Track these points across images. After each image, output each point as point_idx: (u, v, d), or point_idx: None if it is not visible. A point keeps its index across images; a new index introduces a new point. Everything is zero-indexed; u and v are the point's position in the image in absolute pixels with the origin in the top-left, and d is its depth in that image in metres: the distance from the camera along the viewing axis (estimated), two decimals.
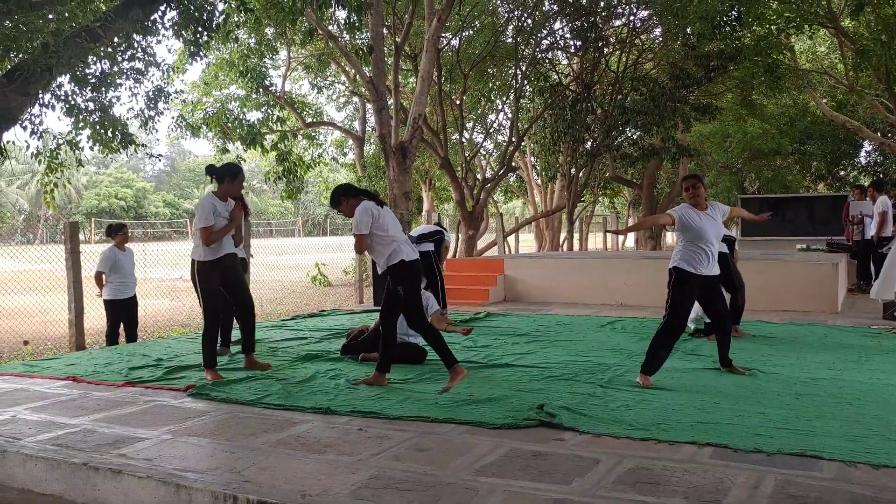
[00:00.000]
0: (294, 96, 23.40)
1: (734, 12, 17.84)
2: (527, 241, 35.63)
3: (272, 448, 4.56)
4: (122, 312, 9.23)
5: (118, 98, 10.28)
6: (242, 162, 21.85)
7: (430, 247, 9.67)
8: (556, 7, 20.29)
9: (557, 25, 21.49)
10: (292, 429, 4.99)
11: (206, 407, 5.65)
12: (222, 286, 6.64)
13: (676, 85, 19.65)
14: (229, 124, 19.28)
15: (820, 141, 27.20)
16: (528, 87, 21.37)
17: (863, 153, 29.52)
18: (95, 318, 10.99)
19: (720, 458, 4.21)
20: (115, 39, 9.28)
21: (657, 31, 22.09)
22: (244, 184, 6.86)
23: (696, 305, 6.97)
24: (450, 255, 22.15)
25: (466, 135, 24.93)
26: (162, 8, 9.32)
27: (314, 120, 23.93)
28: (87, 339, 9.80)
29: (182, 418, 5.31)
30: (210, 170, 6.70)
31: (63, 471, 4.39)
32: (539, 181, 28.63)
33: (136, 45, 10.06)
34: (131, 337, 9.35)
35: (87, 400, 5.96)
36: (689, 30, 18.90)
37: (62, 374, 6.97)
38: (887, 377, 6.21)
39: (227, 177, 6.58)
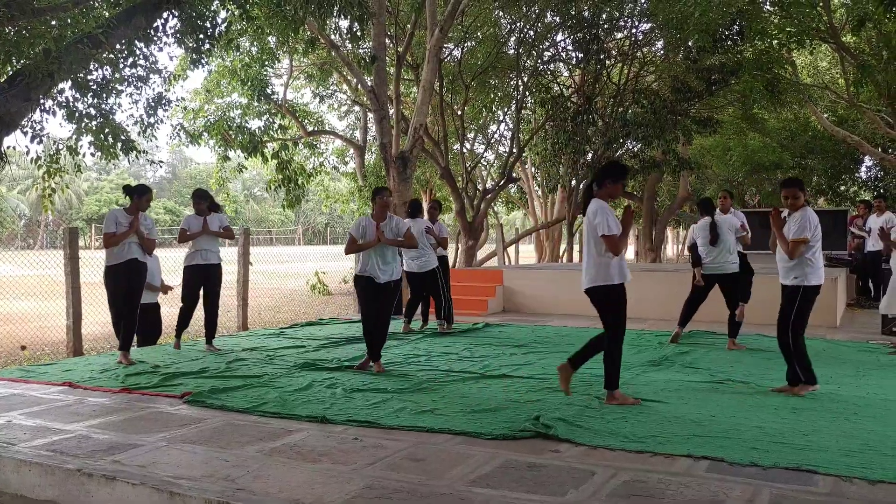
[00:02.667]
0: (296, 105, 23.43)
1: (735, 26, 17.89)
2: (527, 252, 35.64)
3: (267, 456, 4.55)
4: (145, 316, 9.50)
5: (119, 104, 10.29)
6: (244, 170, 21.90)
7: None
8: (558, 19, 20.36)
9: (559, 37, 21.58)
10: (287, 437, 4.98)
11: (202, 414, 5.64)
12: (124, 286, 7.72)
13: (677, 98, 19.70)
14: (230, 132, 19.30)
15: (821, 155, 27.21)
16: (529, 98, 21.42)
17: (863, 168, 29.56)
18: (93, 323, 10.98)
19: (716, 471, 4.20)
20: (117, 46, 9.29)
21: (659, 45, 22.13)
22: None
23: None
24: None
25: (467, 145, 24.98)
26: (164, 15, 9.34)
27: (315, 129, 23.96)
28: (85, 344, 9.79)
29: (177, 425, 5.30)
30: (126, 189, 8.03)
31: (57, 477, 4.38)
32: (540, 192, 28.67)
33: (137, 51, 10.07)
34: (147, 341, 9.47)
35: (82, 406, 5.95)
36: (690, 43, 18.93)
37: (58, 379, 6.96)
38: (884, 392, 6.21)
39: (135, 195, 7.81)
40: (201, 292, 8.62)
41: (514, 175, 23.60)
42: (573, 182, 21.69)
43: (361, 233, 7.32)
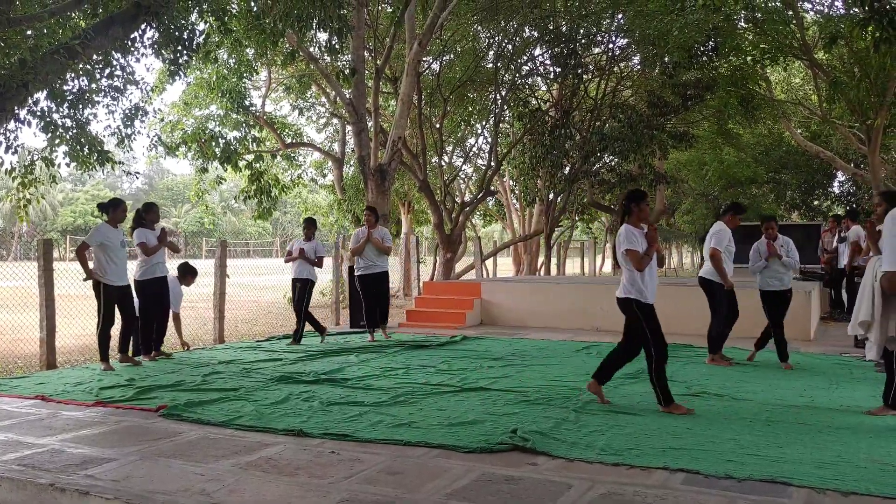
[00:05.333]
0: (274, 117, 23.40)
1: (711, 43, 18.12)
2: (505, 265, 35.69)
3: (243, 470, 4.52)
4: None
5: (95, 115, 10.23)
6: (223, 181, 21.81)
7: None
8: (536, 34, 20.51)
9: (537, 52, 21.75)
10: (264, 451, 4.95)
11: (177, 427, 5.59)
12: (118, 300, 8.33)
13: (654, 113, 19.90)
14: (205, 141, 19.21)
15: (794, 170, 27.60)
16: (507, 111, 21.53)
17: (836, 183, 29.97)
18: (67, 336, 10.85)
19: (691, 483, 4.22)
20: (94, 57, 9.25)
21: (635, 60, 22.37)
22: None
23: None
24: (427, 278, 22.18)
25: (446, 158, 25.04)
26: (142, 27, 9.30)
27: (294, 141, 23.92)
28: (59, 357, 9.66)
29: (152, 439, 5.25)
30: (99, 206, 8.63)
31: (29, 491, 4.32)
32: (517, 205, 28.77)
33: (114, 62, 10.03)
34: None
35: (55, 419, 5.88)
36: (666, 59, 19.15)
37: (31, 392, 6.87)
38: (857, 404, 6.27)
39: (110, 208, 8.38)
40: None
41: (492, 188, 23.68)
42: (551, 195, 21.79)
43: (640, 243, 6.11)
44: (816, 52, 18.56)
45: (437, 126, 21.56)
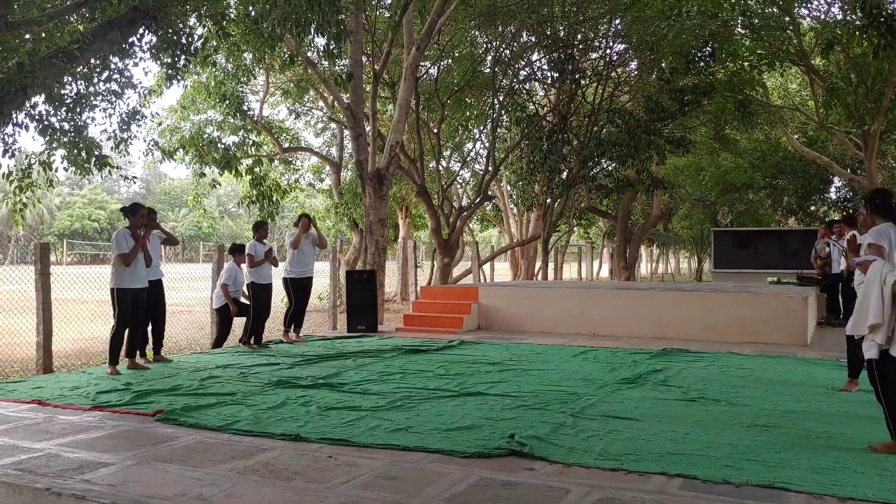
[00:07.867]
0: (272, 121, 23.39)
1: (708, 48, 18.16)
2: (502, 270, 35.69)
3: (240, 475, 4.51)
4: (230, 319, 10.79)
5: (93, 119, 10.22)
6: (217, 185, 21.79)
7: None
8: (533, 39, 20.56)
9: (535, 57, 21.79)
10: (261, 455, 4.94)
11: (174, 432, 5.58)
12: (133, 304, 8.25)
13: (651, 118, 19.92)
14: (204, 146, 19.20)
15: (791, 176, 27.66)
16: (505, 116, 21.55)
17: (833, 188, 30.00)
18: (64, 340, 10.83)
19: (689, 488, 4.22)
20: (92, 61, 9.25)
21: (633, 65, 22.42)
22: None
23: None
24: (424, 283, 22.18)
25: (443, 163, 25.06)
26: (140, 31, 9.31)
27: (291, 145, 23.93)
28: (56, 361, 9.64)
29: (149, 443, 5.24)
30: (121, 210, 8.77)
31: (25, 496, 4.31)
32: (515, 210, 28.79)
33: (112, 66, 10.03)
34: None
35: (52, 424, 5.86)
36: (663, 64, 19.20)
37: (28, 397, 6.85)
38: (854, 410, 6.28)
39: (129, 214, 8.33)
40: None
41: (489, 193, 23.69)
42: (548, 200, 21.80)
43: None
44: (813, 58, 18.59)
45: (435, 131, 21.58)
